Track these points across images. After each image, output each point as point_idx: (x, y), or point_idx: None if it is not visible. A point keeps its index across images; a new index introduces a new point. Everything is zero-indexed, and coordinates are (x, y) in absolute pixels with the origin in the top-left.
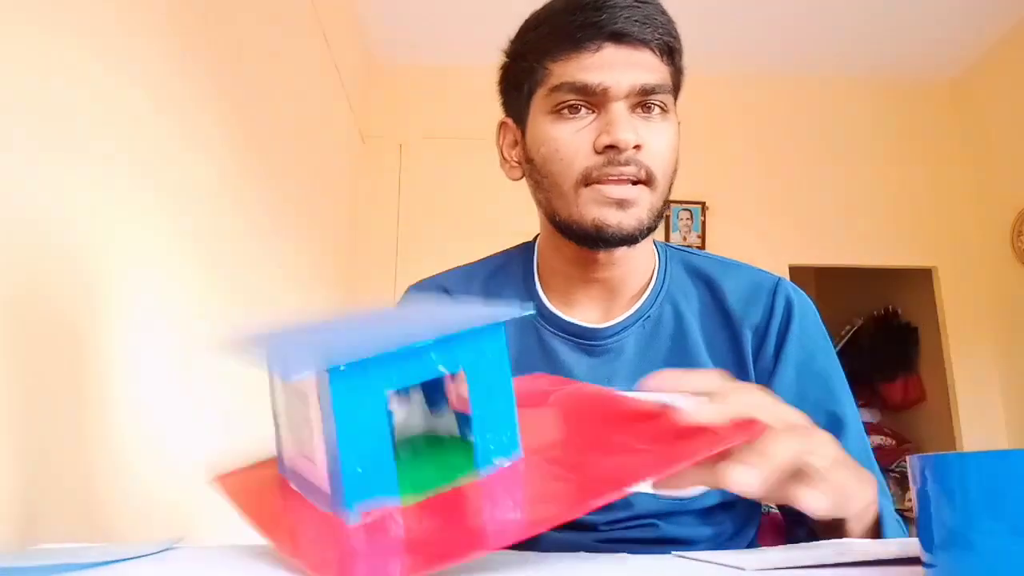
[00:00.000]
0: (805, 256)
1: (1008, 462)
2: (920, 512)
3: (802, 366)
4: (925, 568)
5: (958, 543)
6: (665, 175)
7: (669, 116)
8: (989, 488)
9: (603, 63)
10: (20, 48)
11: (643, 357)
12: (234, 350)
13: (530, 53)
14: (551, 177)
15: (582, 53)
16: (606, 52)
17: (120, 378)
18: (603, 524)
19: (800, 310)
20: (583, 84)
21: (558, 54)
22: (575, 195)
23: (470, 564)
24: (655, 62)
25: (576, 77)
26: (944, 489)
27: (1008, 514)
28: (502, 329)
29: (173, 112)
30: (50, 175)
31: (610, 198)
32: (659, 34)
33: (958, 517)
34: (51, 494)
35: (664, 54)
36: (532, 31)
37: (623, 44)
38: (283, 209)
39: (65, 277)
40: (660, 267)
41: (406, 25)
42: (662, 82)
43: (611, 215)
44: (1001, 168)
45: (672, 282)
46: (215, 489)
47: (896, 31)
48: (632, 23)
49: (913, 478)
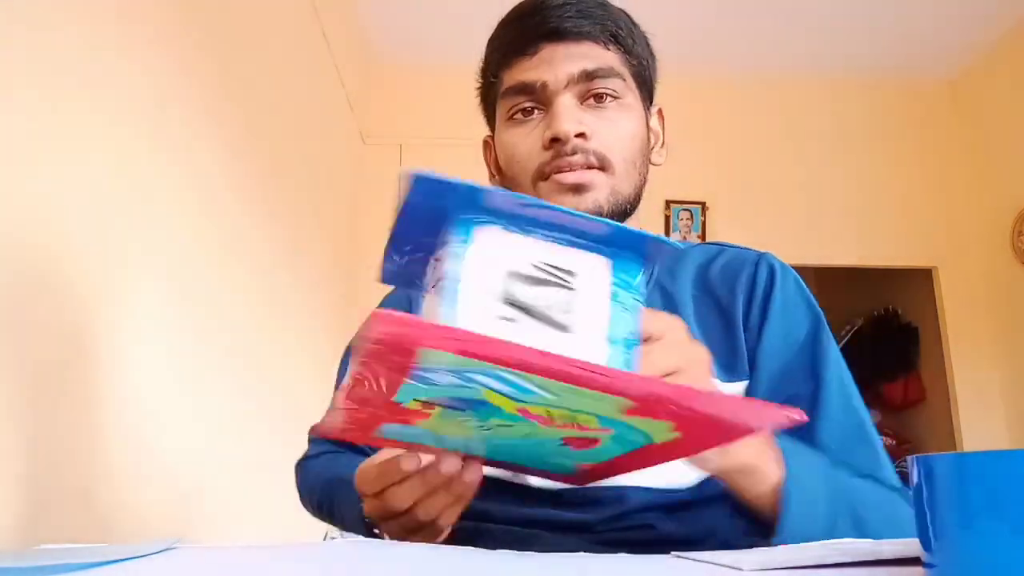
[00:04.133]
0: (805, 256)
1: (1008, 462)
2: (920, 512)
3: (787, 335)
4: (925, 568)
5: (958, 543)
6: (624, 160)
7: (626, 102)
8: (989, 488)
9: (541, 61)
10: (19, 48)
11: None
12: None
13: (488, 68)
14: (512, 180)
15: (523, 57)
16: (544, 51)
17: (120, 378)
18: (598, 524)
19: (782, 278)
20: (522, 83)
21: (505, 63)
22: (535, 191)
23: (469, 564)
24: (597, 51)
25: (516, 78)
26: (944, 489)
27: (1008, 514)
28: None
29: (173, 112)
30: (49, 176)
31: (563, 184)
32: (598, 24)
33: (958, 517)
34: (51, 494)
35: (610, 42)
36: (489, 47)
37: (560, 41)
38: (283, 209)
39: (66, 278)
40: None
41: (406, 25)
42: (604, 66)
43: (567, 200)
44: (1001, 168)
45: (662, 273)
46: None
47: (896, 31)
48: (565, 19)
49: (913, 478)
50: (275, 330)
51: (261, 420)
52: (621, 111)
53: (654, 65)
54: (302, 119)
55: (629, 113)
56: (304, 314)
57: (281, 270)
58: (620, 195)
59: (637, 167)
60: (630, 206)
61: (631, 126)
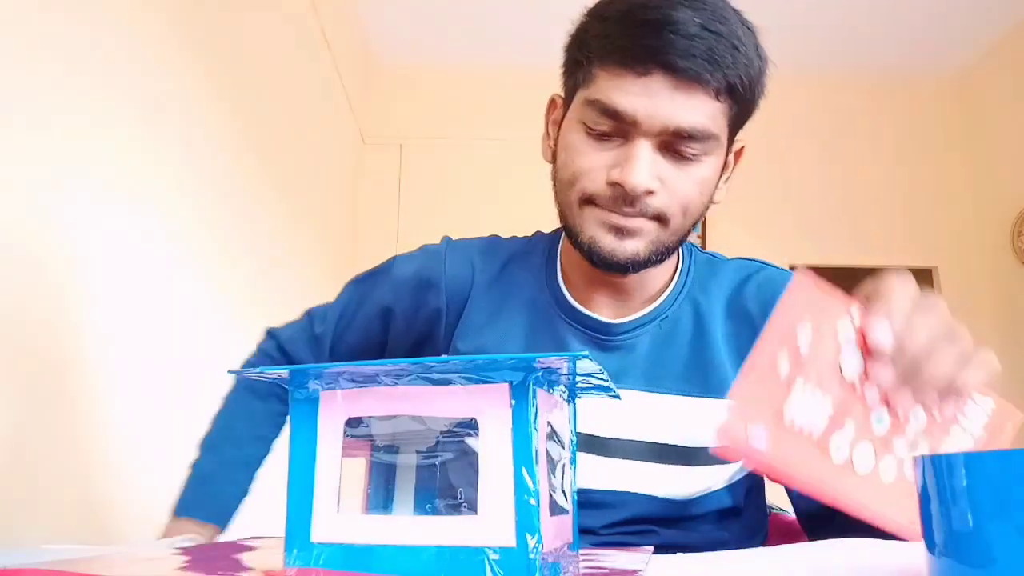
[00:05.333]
0: (805, 256)
1: (1010, 462)
2: (923, 512)
3: None
4: (929, 567)
5: (961, 543)
6: (685, 214)
7: (708, 160)
8: (992, 488)
9: (644, 90)
10: (19, 49)
11: (657, 357)
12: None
13: (585, 45)
14: (562, 184)
15: (627, 73)
16: (653, 81)
17: (120, 378)
18: (601, 528)
19: None
20: (614, 109)
21: (606, 62)
22: (579, 208)
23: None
24: (706, 104)
25: (611, 98)
26: (947, 489)
27: (1011, 514)
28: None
29: (172, 112)
30: (47, 176)
31: (608, 223)
32: (720, 73)
33: (961, 517)
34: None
35: (723, 94)
36: (596, 20)
37: (674, 76)
38: (283, 209)
39: (62, 279)
40: (683, 267)
41: (406, 25)
42: (703, 128)
43: (606, 240)
44: (1001, 168)
45: (694, 283)
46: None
47: (896, 31)
48: (690, 57)
49: (916, 478)
50: None
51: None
52: (699, 169)
53: (759, 101)
54: (302, 119)
55: (704, 170)
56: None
57: (281, 270)
58: (662, 246)
59: (693, 217)
60: (667, 253)
61: (703, 182)
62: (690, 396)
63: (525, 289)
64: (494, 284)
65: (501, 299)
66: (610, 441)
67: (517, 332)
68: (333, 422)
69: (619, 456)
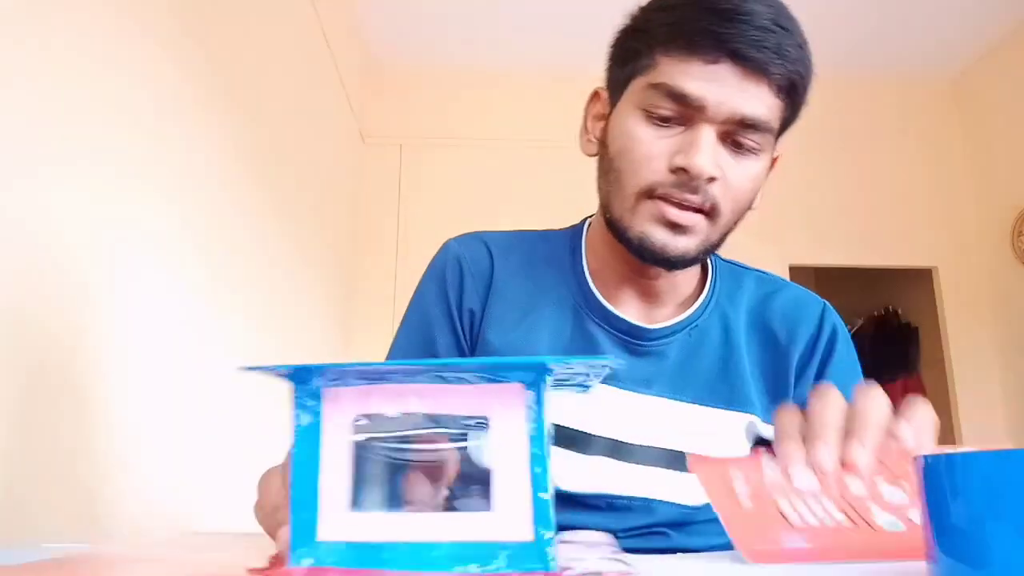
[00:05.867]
0: (805, 256)
1: (1010, 462)
2: (922, 512)
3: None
4: (928, 567)
5: (960, 543)
6: (734, 211)
7: (761, 156)
8: (990, 488)
9: (713, 77)
10: (18, 49)
11: (685, 365)
12: None
13: (646, 33)
14: (617, 174)
15: (694, 59)
16: (721, 69)
17: (119, 378)
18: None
19: (843, 340)
20: (682, 92)
21: (671, 48)
22: (634, 202)
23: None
24: (768, 98)
25: (677, 82)
26: (946, 489)
27: (1010, 513)
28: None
29: (172, 113)
30: (48, 177)
31: (665, 218)
32: (785, 68)
33: (960, 517)
34: (51, 494)
35: (783, 91)
36: (659, 11)
37: (743, 66)
38: (283, 209)
39: (64, 278)
40: (712, 277)
41: (406, 25)
42: (766, 120)
43: (659, 235)
44: (1001, 168)
45: (721, 292)
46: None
47: (896, 31)
48: (760, 48)
49: (916, 478)
50: (275, 330)
51: (262, 419)
52: (754, 164)
53: (801, 110)
54: (302, 119)
55: (758, 166)
56: (304, 314)
57: (281, 270)
58: (709, 244)
59: (738, 216)
60: (711, 251)
61: (757, 180)
62: (716, 407)
63: (552, 285)
64: (518, 277)
65: (528, 294)
66: (636, 448)
67: (547, 329)
68: (339, 419)
69: (644, 463)
